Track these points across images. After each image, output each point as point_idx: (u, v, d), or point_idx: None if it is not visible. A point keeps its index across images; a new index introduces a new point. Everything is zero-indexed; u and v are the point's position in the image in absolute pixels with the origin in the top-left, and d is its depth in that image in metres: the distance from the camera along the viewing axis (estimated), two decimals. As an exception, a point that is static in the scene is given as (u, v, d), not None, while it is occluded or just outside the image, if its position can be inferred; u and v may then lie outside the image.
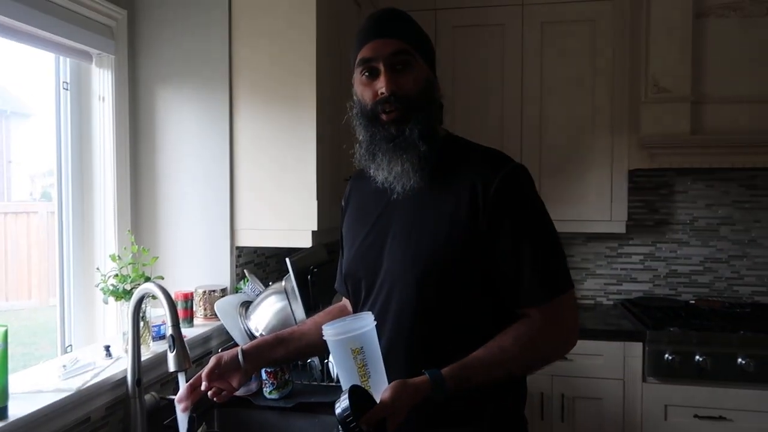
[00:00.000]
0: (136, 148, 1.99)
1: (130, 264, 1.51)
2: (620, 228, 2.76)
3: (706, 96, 2.52)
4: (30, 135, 1.98)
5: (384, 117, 1.13)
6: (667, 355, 2.45)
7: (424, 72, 1.15)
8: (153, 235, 1.99)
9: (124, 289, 1.48)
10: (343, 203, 1.38)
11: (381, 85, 1.12)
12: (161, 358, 1.59)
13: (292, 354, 1.32)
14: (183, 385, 1.22)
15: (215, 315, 1.91)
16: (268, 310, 1.83)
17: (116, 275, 1.50)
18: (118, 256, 1.52)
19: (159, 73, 1.99)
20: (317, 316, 1.41)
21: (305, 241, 1.98)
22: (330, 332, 1.05)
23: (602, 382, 2.53)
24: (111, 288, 1.47)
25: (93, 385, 1.32)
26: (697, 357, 2.42)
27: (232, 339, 1.92)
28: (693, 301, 2.88)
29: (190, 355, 1.27)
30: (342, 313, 1.40)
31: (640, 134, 2.60)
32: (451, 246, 1.10)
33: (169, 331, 1.25)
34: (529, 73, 2.77)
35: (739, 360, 2.39)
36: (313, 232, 1.97)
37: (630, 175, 2.75)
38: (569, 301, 1.10)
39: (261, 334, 1.81)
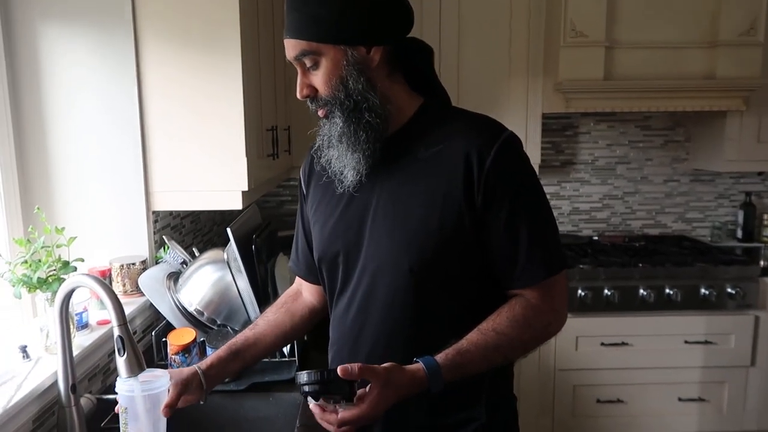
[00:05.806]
0: (17, 101, 1.64)
1: (43, 248, 1.25)
2: (534, 170, 2.82)
3: (618, 41, 2.58)
4: None
5: (319, 113, 1.06)
6: (580, 291, 2.60)
7: (336, 64, 1.00)
8: (49, 205, 1.69)
9: (39, 278, 1.23)
10: (302, 175, 1.22)
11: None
12: (88, 352, 1.38)
13: (249, 363, 1.22)
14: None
15: (136, 290, 1.70)
16: (204, 282, 1.65)
17: (24, 262, 1.24)
18: (27, 239, 1.26)
19: (39, 10, 1.63)
20: (268, 313, 1.28)
21: (235, 203, 1.79)
22: (121, 385, 1.05)
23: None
24: (22, 278, 1.22)
25: (18, 399, 1.11)
26: (606, 291, 2.61)
27: (158, 315, 1.73)
28: (596, 238, 3.07)
29: (141, 356, 1.10)
30: (295, 302, 1.29)
31: (557, 79, 2.62)
32: (448, 225, 1.00)
33: (117, 332, 1.05)
34: (447, 15, 2.66)
35: (641, 291, 2.61)
36: (243, 192, 1.78)
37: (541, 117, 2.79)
38: (562, 280, 1.06)
39: (196, 309, 1.64)
